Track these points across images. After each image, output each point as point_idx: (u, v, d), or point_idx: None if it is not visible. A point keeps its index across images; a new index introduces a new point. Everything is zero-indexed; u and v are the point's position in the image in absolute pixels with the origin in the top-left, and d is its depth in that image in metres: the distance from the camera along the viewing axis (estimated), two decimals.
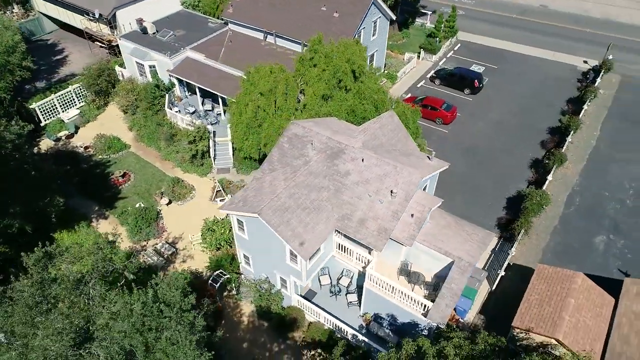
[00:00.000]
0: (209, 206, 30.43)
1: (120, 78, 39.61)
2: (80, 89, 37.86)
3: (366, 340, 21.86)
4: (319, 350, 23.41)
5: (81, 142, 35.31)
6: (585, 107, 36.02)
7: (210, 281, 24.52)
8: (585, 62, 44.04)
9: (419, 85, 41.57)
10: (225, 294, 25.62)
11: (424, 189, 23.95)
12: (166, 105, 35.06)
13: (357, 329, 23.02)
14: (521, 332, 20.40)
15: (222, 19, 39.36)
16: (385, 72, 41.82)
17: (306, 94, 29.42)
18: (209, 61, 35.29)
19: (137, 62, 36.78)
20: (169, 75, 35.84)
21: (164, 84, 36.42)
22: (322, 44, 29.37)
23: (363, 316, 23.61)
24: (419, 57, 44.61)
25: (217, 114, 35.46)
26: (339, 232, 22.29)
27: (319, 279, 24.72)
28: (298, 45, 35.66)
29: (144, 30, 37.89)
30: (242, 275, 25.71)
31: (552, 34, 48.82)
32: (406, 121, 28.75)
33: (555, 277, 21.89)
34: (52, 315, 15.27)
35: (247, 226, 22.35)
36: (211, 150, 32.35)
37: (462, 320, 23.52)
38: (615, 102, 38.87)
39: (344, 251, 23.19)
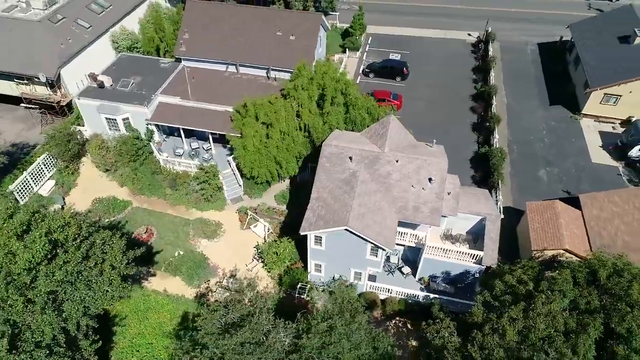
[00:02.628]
0: (243, 235, 33.21)
1: (78, 137, 38.39)
2: (49, 159, 36.21)
3: (437, 296, 28.04)
4: (398, 318, 29.04)
5: (79, 211, 34.36)
6: (492, 73, 45.82)
7: (297, 294, 28.17)
8: (470, 34, 54.42)
9: (357, 82, 47.61)
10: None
11: None
12: (157, 153, 35.87)
13: (423, 289, 29.07)
14: (538, 252, 28.38)
15: (175, 57, 40.21)
16: None
17: (302, 115, 33.52)
18: (185, 102, 36.68)
19: (107, 118, 36.37)
20: (147, 123, 36.36)
21: (139, 133, 36.76)
22: (306, 69, 33.61)
23: (420, 280, 29.66)
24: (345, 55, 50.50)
25: (208, 149, 37.34)
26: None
27: None
28: (263, 71, 38.85)
29: (100, 85, 37.25)
30: (312, 282, 29.75)
31: (434, 14, 58.22)
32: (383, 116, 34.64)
33: (542, 208, 30.34)
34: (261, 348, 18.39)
35: (326, 239, 26.53)
36: (223, 184, 34.65)
37: None
38: (504, 65, 49.60)
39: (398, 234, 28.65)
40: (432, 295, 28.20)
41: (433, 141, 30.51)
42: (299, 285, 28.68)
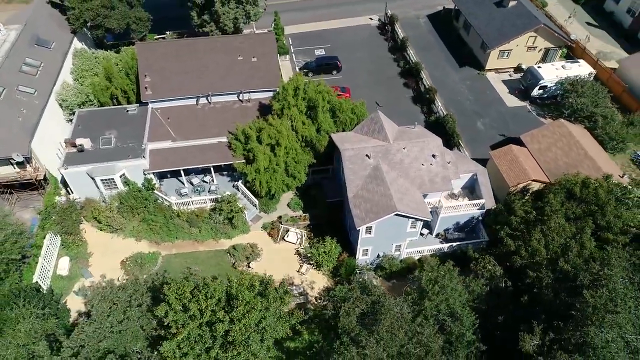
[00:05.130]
0: (279, 247, 36.77)
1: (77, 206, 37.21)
2: (52, 237, 34.84)
3: (458, 243, 35.42)
4: None
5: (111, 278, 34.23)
6: (410, 51, 53.65)
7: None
8: (371, 18, 61.49)
9: None
10: None
11: None
12: (166, 199, 36.80)
13: (442, 242, 36.22)
14: (513, 187, 37.19)
15: (141, 102, 40.04)
16: None
17: (297, 128, 37.43)
18: (177, 144, 37.79)
19: (102, 180, 35.87)
20: (145, 173, 36.77)
21: (137, 184, 37.04)
22: (289, 84, 37.27)
23: (438, 235, 36.75)
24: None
25: (211, 181, 39.12)
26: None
27: None
28: (234, 95, 41.13)
29: (80, 149, 36.23)
30: (362, 265, 35.00)
31: (329, 5, 63.34)
32: (364, 113, 40.09)
33: (502, 153, 39.17)
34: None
35: (376, 227, 31.83)
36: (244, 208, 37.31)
37: None
38: (410, 40, 57.57)
39: None
40: (454, 244, 35.53)
41: (415, 124, 37.10)
42: (357, 272, 33.74)
